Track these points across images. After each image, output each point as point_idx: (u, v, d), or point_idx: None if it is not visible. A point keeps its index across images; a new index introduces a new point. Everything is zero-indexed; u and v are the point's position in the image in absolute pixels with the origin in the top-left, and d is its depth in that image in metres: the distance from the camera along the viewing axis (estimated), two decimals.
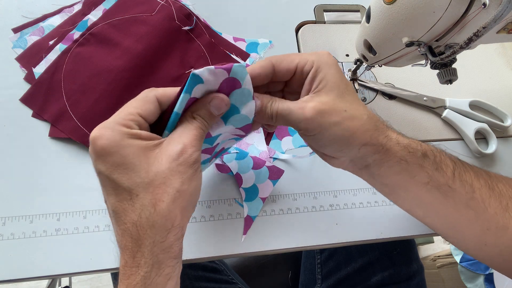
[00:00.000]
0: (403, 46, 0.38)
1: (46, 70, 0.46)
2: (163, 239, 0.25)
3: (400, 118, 0.51)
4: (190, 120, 0.28)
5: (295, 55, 0.32)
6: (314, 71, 0.30)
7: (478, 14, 0.33)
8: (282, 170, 0.45)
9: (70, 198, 0.41)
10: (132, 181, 0.25)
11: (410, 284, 0.56)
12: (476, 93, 0.54)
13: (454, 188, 0.31)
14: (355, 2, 0.59)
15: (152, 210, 0.24)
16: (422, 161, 0.31)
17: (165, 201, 0.25)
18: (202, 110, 0.28)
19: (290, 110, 0.30)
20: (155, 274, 0.25)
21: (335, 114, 0.30)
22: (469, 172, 0.33)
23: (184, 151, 0.26)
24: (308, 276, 0.63)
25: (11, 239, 0.38)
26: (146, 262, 0.25)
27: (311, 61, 0.31)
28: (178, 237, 0.26)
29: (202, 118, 0.28)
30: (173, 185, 0.25)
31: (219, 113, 0.29)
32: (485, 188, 0.32)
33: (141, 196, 0.25)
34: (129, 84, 0.46)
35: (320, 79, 0.30)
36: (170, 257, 0.26)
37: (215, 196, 0.43)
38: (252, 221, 0.42)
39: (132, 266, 0.25)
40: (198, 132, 0.27)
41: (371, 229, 0.43)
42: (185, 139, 0.26)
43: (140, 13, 0.50)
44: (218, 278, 0.58)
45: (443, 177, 0.31)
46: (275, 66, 0.31)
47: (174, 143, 0.26)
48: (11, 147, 0.43)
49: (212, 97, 0.28)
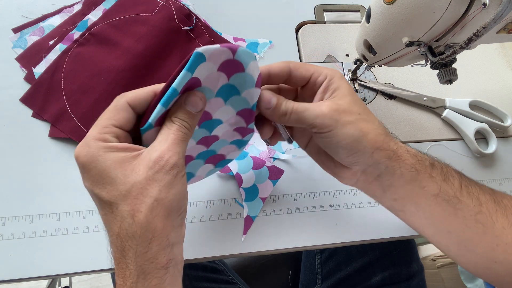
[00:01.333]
0: (403, 46, 0.38)
1: (46, 70, 0.46)
2: (145, 250, 0.25)
3: (400, 118, 0.51)
4: (168, 125, 0.27)
5: (311, 66, 0.33)
6: (328, 82, 0.32)
7: (478, 14, 0.33)
8: (282, 170, 0.45)
9: (70, 198, 0.41)
10: (111, 194, 0.25)
11: (410, 284, 0.56)
12: (476, 93, 0.54)
13: (463, 201, 0.31)
14: (355, 2, 0.59)
15: (130, 221, 0.24)
16: (431, 171, 0.32)
17: (143, 212, 0.24)
18: (179, 112, 0.28)
19: (306, 107, 0.31)
20: (142, 285, 0.25)
21: (350, 114, 0.31)
22: (474, 185, 0.33)
23: (161, 158, 0.25)
24: (308, 276, 0.63)
25: (11, 239, 0.38)
26: (131, 273, 0.25)
27: (325, 74, 0.32)
28: (162, 247, 0.25)
29: (181, 120, 0.27)
30: (150, 194, 0.25)
31: (197, 110, 0.28)
32: (491, 202, 0.32)
33: (120, 208, 0.25)
34: (129, 84, 0.46)
35: (334, 88, 0.32)
36: (156, 268, 0.25)
37: (215, 196, 0.43)
38: (252, 221, 0.42)
39: (120, 276, 0.26)
40: (177, 135, 0.27)
41: (371, 229, 0.43)
42: (162, 145, 0.26)
43: (140, 13, 0.50)
44: (218, 278, 0.58)
45: (451, 188, 0.32)
46: (292, 70, 0.32)
47: (151, 152, 0.26)
48: (11, 147, 0.43)
49: (186, 96, 0.28)
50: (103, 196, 0.25)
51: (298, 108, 0.31)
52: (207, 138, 0.34)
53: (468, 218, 0.32)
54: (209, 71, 0.28)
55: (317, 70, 0.33)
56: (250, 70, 0.30)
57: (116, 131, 0.27)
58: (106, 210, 0.26)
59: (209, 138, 0.34)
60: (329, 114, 0.30)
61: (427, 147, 0.50)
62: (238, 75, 0.30)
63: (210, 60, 0.27)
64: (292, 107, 0.31)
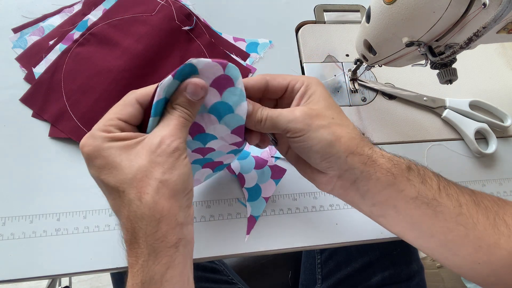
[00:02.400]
0: (403, 46, 0.38)
1: (46, 70, 0.46)
2: (155, 229, 0.26)
3: (400, 118, 0.51)
4: (170, 111, 0.28)
5: (288, 75, 0.34)
6: (304, 88, 0.33)
7: (478, 14, 0.33)
8: (284, 169, 0.45)
9: (70, 198, 0.41)
10: (117, 179, 0.26)
11: (410, 284, 0.56)
12: (476, 93, 0.54)
13: (442, 203, 0.31)
14: (355, 2, 0.59)
15: (138, 203, 0.25)
16: (408, 174, 0.32)
17: (149, 193, 0.25)
18: (179, 99, 0.28)
19: (280, 112, 0.32)
20: (152, 263, 0.26)
21: (323, 118, 0.31)
22: (452, 187, 0.33)
23: (162, 142, 0.26)
24: (308, 276, 0.63)
25: (11, 239, 0.38)
26: (143, 252, 0.26)
27: (301, 81, 0.33)
28: (172, 227, 0.26)
29: (182, 106, 0.28)
30: (154, 176, 0.26)
31: (197, 98, 0.29)
32: (471, 203, 0.32)
33: (127, 191, 0.26)
34: (129, 84, 0.46)
35: (310, 94, 0.32)
36: (166, 247, 0.26)
37: (215, 196, 0.43)
38: (255, 221, 0.42)
39: (132, 256, 0.27)
40: (179, 121, 0.28)
41: (371, 229, 0.43)
42: (164, 131, 0.27)
43: (140, 13, 0.50)
44: (218, 279, 0.58)
45: (430, 190, 0.31)
46: (269, 82, 0.33)
47: (153, 137, 0.27)
48: (11, 147, 0.43)
49: (186, 83, 0.28)
50: (109, 182, 0.26)
51: (272, 114, 0.32)
52: (202, 149, 0.34)
53: (449, 221, 0.31)
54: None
55: (294, 78, 0.33)
56: (239, 84, 0.30)
57: (120, 124, 0.28)
58: (114, 195, 0.27)
59: (204, 150, 0.34)
60: (301, 118, 0.31)
61: (427, 147, 0.50)
62: (229, 90, 0.30)
63: (203, 74, 0.28)
64: (267, 114, 0.32)
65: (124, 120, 0.28)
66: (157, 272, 0.26)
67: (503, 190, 0.48)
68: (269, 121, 0.32)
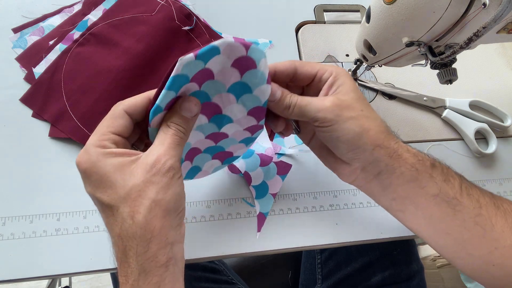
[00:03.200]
0: (403, 46, 0.38)
1: (46, 70, 0.46)
2: (145, 249, 0.26)
3: (400, 118, 0.51)
4: (165, 130, 0.28)
5: (316, 64, 0.33)
6: (333, 78, 0.32)
7: (478, 14, 0.33)
8: (289, 165, 0.45)
9: (70, 198, 0.41)
10: (111, 198, 0.26)
11: (410, 284, 0.56)
12: (476, 93, 0.54)
13: (462, 202, 0.31)
14: (355, 2, 0.59)
15: (130, 222, 0.25)
16: (431, 171, 0.32)
17: (142, 212, 0.25)
18: (174, 117, 0.28)
19: (309, 101, 0.31)
20: (143, 283, 0.26)
21: (352, 110, 0.31)
22: (475, 188, 0.33)
23: (157, 161, 0.26)
24: (308, 276, 0.63)
25: (11, 239, 0.38)
26: (133, 272, 0.26)
27: (330, 71, 0.33)
28: (162, 246, 0.26)
29: (176, 124, 0.28)
30: (148, 195, 0.26)
31: (192, 114, 0.29)
32: (490, 205, 0.32)
33: (120, 210, 0.26)
34: (129, 84, 0.46)
35: (338, 84, 0.32)
36: (156, 266, 0.26)
37: (215, 196, 0.43)
38: (265, 218, 0.42)
39: (122, 275, 0.27)
40: (173, 140, 0.28)
41: (371, 229, 0.43)
42: (159, 150, 0.27)
43: (140, 13, 0.50)
44: (218, 279, 0.58)
45: (452, 189, 0.32)
46: (298, 69, 0.33)
47: (149, 156, 0.27)
48: (11, 147, 0.43)
49: (181, 101, 0.29)
50: (104, 200, 0.26)
51: (301, 101, 0.32)
52: (216, 134, 0.34)
53: (467, 220, 0.31)
54: (223, 65, 0.29)
55: (322, 67, 0.33)
56: (261, 67, 0.30)
57: (114, 138, 0.28)
58: (107, 213, 0.27)
59: (218, 135, 0.34)
60: (331, 109, 0.30)
61: (427, 147, 0.50)
62: (250, 72, 0.30)
63: (224, 54, 0.28)
64: (296, 101, 0.32)
65: (117, 133, 0.28)
66: None
67: (503, 190, 0.48)
68: (298, 108, 0.32)
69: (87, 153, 0.27)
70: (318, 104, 0.31)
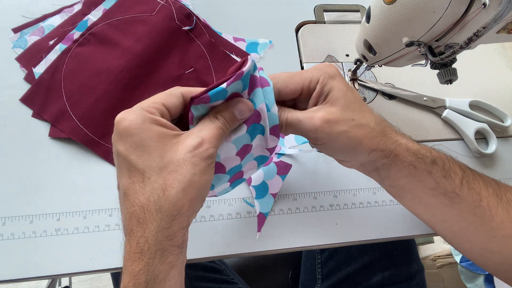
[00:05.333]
0: (403, 46, 0.38)
1: (46, 70, 0.46)
2: (168, 225, 0.25)
3: (400, 118, 0.51)
4: (212, 119, 0.28)
5: (299, 76, 0.32)
6: (320, 86, 0.32)
7: (478, 14, 0.33)
8: (289, 165, 0.45)
9: (70, 198, 0.41)
10: (146, 164, 0.26)
11: (411, 284, 0.56)
12: (476, 93, 0.54)
13: (461, 196, 0.32)
14: (355, 2, 0.59)
15: (161, 194, 0.25)
16: (431, 168, 0.32)
17: (175, 188, 0.25)
18: (226, 112, 0.28)
19: (299, 120, 0.31)
20: (158, 261, 0.25)
21: (343, 123, 0.31)
22: (478, 181, 0.33)
23: (201, 144, 0.26)
24: (308, 276, 0.63)
25: (11, 239, 0.38)
26: (150, 248, 0.25)
27: (316, 78, 0.32)
28: (182, 226, 0.26)
29: (225, 119, 0.28)
30: (185, 174, 0.25)
31: (242, 117, 0.29)
32: (493, 196, 0.32)
33: (152, 179, 0.25)
34: (129, 84, 0.46)
35: (327, 92, 0.31)
36: (173, 245, 0.26)
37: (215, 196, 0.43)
38: (265, 218, 0.42)
39: (136, 251, 0.25)
40: (218, 132, 0.28)
41: (371, 229, 0.43)
42: (204, 134, 0.27)
43: (140, 13, 0.50)
44: (218, 278, 0.58)
45: (451, 184, 0.32)
46: (280, 91, 0.32)
47: (192, 137, 0.27)
48: (11, 147, 0.42)
49: (237, 101, 0.29)
50: (138, 163, 0.26)
51: (291, 119, 0.32)
52: (246, 147, 0.33)
53: (465, 211, 0.32)
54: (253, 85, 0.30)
55: (306, 77, 0.32)
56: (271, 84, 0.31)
57: (163, 110, 0.27)
58: (136, 179, 0.26)
59: (247, 148, 0.33)
60: (321, 128, 0.30)
61: None
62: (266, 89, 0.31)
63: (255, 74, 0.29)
64: (286, 118, 0.32)
65: (167, 107, 0.28)
66: (161, 271, 0.26)
67: None
68: (289, 126, 0.32)
69: (133, 113, 0.26)
70: (308, 124, 0.31)
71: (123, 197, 0.27)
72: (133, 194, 0.26)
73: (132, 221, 0.26)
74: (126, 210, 0.26)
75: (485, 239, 0.32)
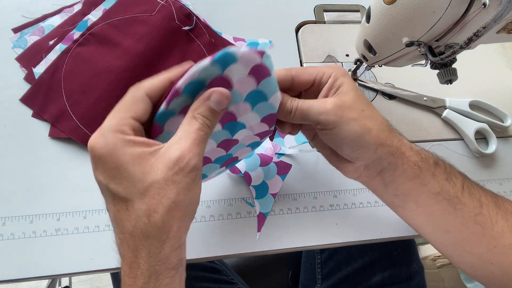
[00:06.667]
0: (403, 46, 0.38)
1: (46, 70, 0.46)
2: (159, 250, 0.25)
3: (400, 118, 0.51)
4: (190, 122, 0.26)
5: (313, 69, 0.33)
6: (332, 80, 0.32)
7: (478, 14, 0.33)
8: (289, 165, 0.45)
9: (70, 198, 0.41)
10: (128, 191, 0.24)
11: (411, 284, 0.56)
12: (476, 93, 0.54)
13: (463, 201, 0.32)
14: (355, 2, 0.59)
15: (146, 221, 0.24)
16: (434, 169, 0.32)
17: (160, 212, 0.24)
18: (202, 108, 0.26)
19: (310, 104, 0.31)
20: (153, 285, 0.25)
21: (354, 110, 0.31)
22: (477, 187, 0.33)
23: (182, 158, 0.24)
24: (308, 276, 0.63)
25: (11, 239, 0.38)
26: (143, 273, 0.25)
27: (328, 73, 0.32)
28: (174, 248, 0.25)
29: (204, 117, 0.26)
30: (168, 195, 0.24)
31: (221, 108, 0.27)
32: (492, 205, 0.32)
33: (136, 206, 0.24)
34: (129, 84, 0.45)
35: (338, 85, 0.32)
36: (167, 268, 0.25)
37: (215, 196, 0.43)
38: (265, 218, 0.42)
39: (130, 276, 0.25)
40: (198, 135, 0.26)
41: (371, 229, 0.43)
42: (183, 144, 0.25)
43: (140, 13, 0.50)
44: (218, 278, 0.58)
45: (453, 188, 0.32)
46: (294, 78, 0.32)
47: (171, 150, 0.25)
48: (11, 147, 0.42)
49: (211, 92, 0.26)
50: (119, 192, 0.24)
51: (302, 105, 0.31)
52: (228, 141, 0.33)
53: (467, 219, 0.32)
54: (240, 75, 0.28)
55: (319, 71, 0.33)
56: (274, 73, 0.30)
57: (133, 124, 0.26)
58: (120, 206, 0.25)
59: (230, 142, 0.34)
60: (333, 111, 0.30)
61: (427, 147, 0.50)
62: (266, 80, 0.29)
63: (241, 62, 0.27)
64: (297, 105, 0.31)
65: (136, 118, 0.26)
66: None
67: (503, 190, 0.48)
68: (299, 112, 0.31)
69: (104, 138, 0.24)
70: (320, 106, 0.31)
71: (113, 222, 0.26)
72: (121, 222, 0.25)
73: (124, 247, 0.25)
74: (116, 236, 0.26)
75: (486, 249, 0.32)
